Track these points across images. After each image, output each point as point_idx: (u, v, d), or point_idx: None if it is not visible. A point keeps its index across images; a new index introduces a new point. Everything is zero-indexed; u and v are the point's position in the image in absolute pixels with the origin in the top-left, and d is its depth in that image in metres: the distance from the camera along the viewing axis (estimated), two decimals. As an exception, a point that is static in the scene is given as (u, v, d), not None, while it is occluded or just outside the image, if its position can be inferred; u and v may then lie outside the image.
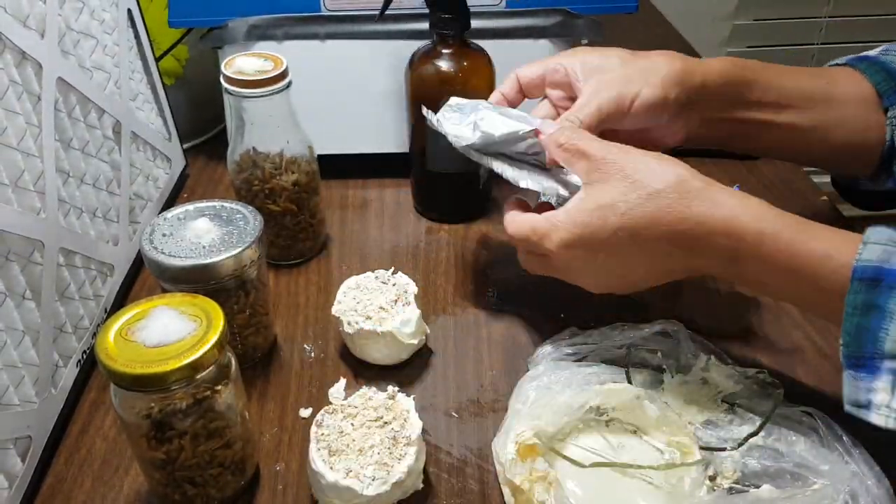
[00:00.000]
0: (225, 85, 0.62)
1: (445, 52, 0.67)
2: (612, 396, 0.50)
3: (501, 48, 0.71)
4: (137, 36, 0.72)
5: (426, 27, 0.67)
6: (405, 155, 0.77)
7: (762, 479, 0.48)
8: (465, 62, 0.67)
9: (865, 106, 0.60)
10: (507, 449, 0.48)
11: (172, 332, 0.44)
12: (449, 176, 0.73)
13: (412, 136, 0.73)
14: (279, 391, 0.58)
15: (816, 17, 1.84)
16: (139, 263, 0.68)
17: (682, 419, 0.50)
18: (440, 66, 0.67)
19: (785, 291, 0.49)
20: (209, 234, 0.54)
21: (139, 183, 0.69)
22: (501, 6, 0.75)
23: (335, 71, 0.76)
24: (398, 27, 0.74)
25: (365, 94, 0.77)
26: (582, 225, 0.51)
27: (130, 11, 0.70)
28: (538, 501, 0.46)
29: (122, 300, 0.65)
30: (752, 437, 0.49)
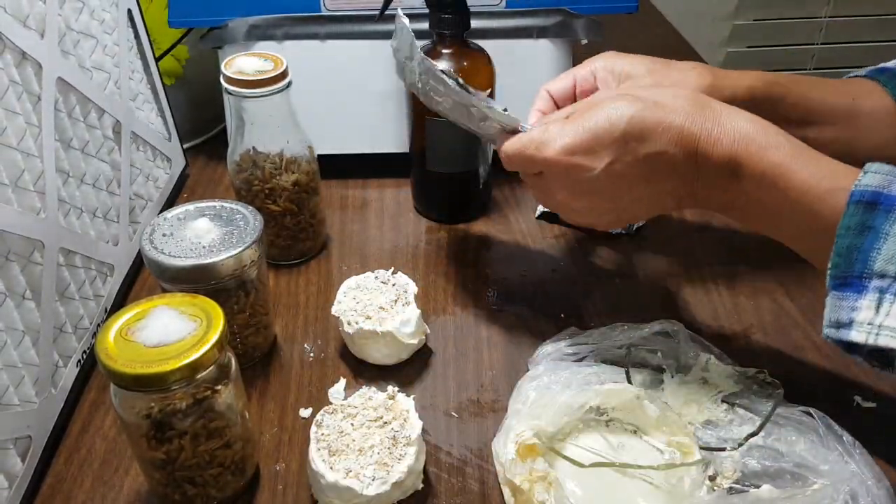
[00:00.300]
0: (225, 85, 0.62)
1: (445, 51, 0.67)
2: (612, 396, 0.50)
3: (501, 48, 0.71)
4: (137, 36, 0.72)
5: (426, 27, 0.67)
6: (405, 155, 0.77)
7: (762, 479, 0.48)
8: (465, 62, 0.67)
9: (888, 121, 0.60)
10: (507, 449, 0.48)
11: (172, 332, 0.44)
12: (449, 176, 0.73)
13: (412, 136, 0.73)
14: (279, 391, 0.58)
15: (816, 17, 1.84)
16: (139, 263, 0.68)
17: (682, 419, 0.50)
18: (440, 66, 0.67)
19: (777, 215, 0.48)
20: (209, 234, 0.54)
21: (139, 183, 0.69)
22: (501, 6, 0.75)
23: (335, 71, 0.76)
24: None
25: (365, 94, 0.77)
26: (586, 130, 0.49)
27: (130, 11, 0.70)
28: (538, 501, 0.46)
29: (122, 300, 0.65)
30: (752, 437, 0.49)
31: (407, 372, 0.59)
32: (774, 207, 0.47)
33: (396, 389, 0.52)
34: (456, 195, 0.75)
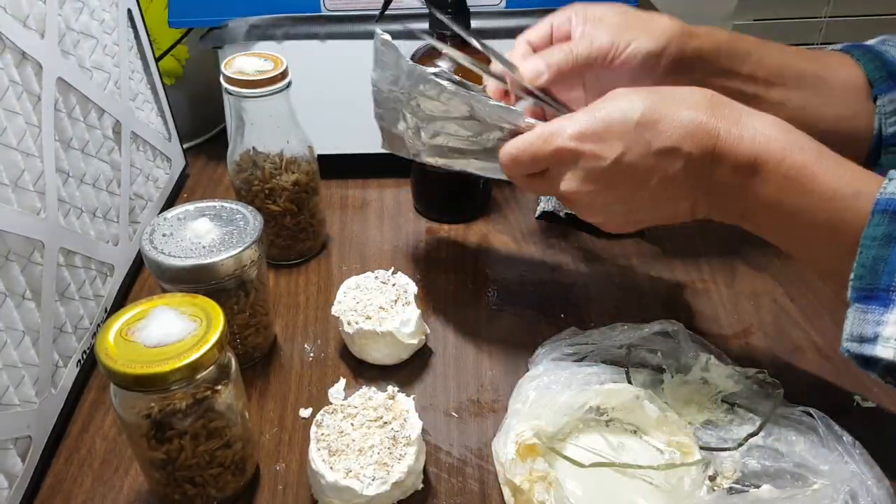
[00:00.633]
0: (225, 85, 0.62)
1: (445, 51, 0.67)
2: (612, 396, 0.50)
3: (501, 48, 0.71)
4: (137, 36, 0.72)
5: (426, 27, 0.67)
6: (405, 155, 0.76)
7: (762, 479, 0.48)
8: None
9: (855, 93, 0.59)
10: (507, 449, 0.48)
11: (172, 332, 0.44)
12: (449, 176, 0.73)
13: (412, 136, 0.73)
14: (279, 391, 0.58)
15: (816, 17, 1.84)
16: (139, 263, 0.68)
17: (682, 419, 0.50)
18: (440, 66, 0.67)
19: (797, 223, 0.45)
20: (209, 234, 0.54)
21: (139, 183, 0.69)
22: (501, 6, 0.75)
23: (335, 71, 0.76)
24: (398, 27, 0.74)
25: (365, 94, 0.77)
26: (599, 119, 0.47)
27: (130, 11, 0.70)
28: (538, 501, 0.46)
29: (122, 300, 0.65)
30: (752, 437, 0.49)
31: (407, 372, 0.59)
32: (794, 212, 0.45)
33: (396, 389, 0.52)
34: (456, 195, 0.75)
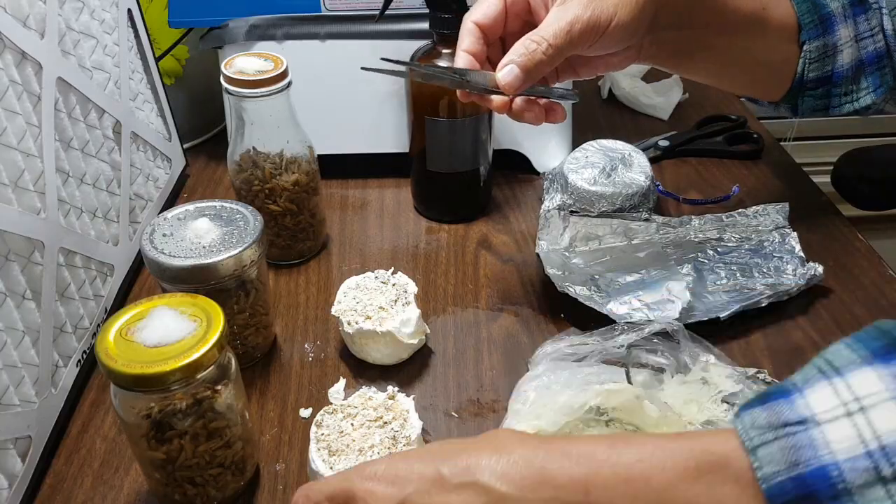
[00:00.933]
0: (225, 85, 0.62)
1: (445, 51, 0.67)
2: (612, 396, 0.50)
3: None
4: (137, 36, 0.72)
5: (426, 27, 0.67)
6: (405, 155, 0.77)
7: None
8: (465, 62, 0.67)
9: (788, 36, 0.58)
10: (507, 449, 0.48)
11: (172, 332, 0.44)
12: (449, 176, 0.73)
13: (412, 136, 0.73)
14: (279, 391, 0.58)
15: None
16: (139, 263, 0.68)
17: (682, 419, 0.50)
18: (440, 65, 0.67)
19: None
20: (209, 234, 0.54)
21: (139, 183, 0.69)
22: (501, 6, 0.75)
23: (335, 71, 0.76)
24: (398, 27, 0.74)
25: (365, 94, 0.77)
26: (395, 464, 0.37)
27: (130, 11, 0.70)
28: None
29: (122, 300, 0.65)
30: (752, 437, 0.49)
31: (407, 372, 0.59)
32: None
33: (396, 389, 0.52)
34: (456, 195, 0.75)
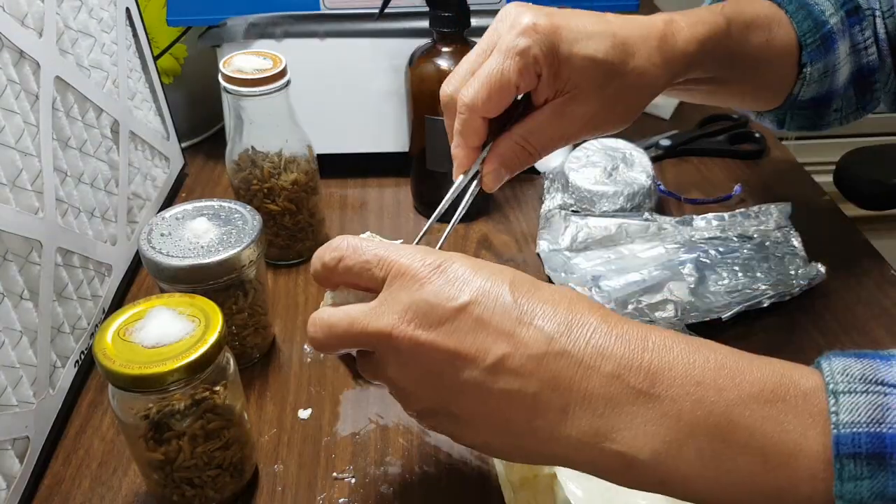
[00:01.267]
0: (224, 84, 0.61)
1: (446, 50, 0.67)
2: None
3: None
4: (136, 34, 0.71)
5: (426, 25, 0.67)
6: (405, 155, 0.76)
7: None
8: (464, 61, 0.67)
9: (789, 59, 0.57)
10: (507, 450, 0.48)
11: (171, 332, 0.43)
12: (449, 176, 0.73)
13: (412, 135, 0.73)
14: (278, 392, 0.58)
15: None
16: (137, 263, 0.67)
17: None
18: (440, 64, 0.67)
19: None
20: (208, 233, 0.54)
21: (137, 182, 0.69)
22: (501, 4, 0.75)
23: (334, 70, 0.76)
24: (398, 25, 0.74)
25: (365, 93, 0.77)
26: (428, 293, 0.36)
27: (129, 10, 0.70)
28: (538, 501, 0.45)
29: (120, 300, 0.64)
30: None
31: (406, 372, 0.59)
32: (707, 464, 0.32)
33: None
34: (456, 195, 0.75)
